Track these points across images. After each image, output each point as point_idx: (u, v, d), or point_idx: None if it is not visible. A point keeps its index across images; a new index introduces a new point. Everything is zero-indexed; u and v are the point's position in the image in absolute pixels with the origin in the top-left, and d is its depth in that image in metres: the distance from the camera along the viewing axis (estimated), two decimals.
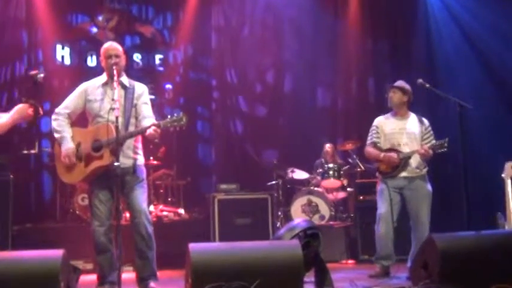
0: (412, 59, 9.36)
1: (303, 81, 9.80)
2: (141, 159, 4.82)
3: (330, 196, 8.03)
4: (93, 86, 4.81)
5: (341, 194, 8.21)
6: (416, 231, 5.47)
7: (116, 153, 4.32)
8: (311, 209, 7.68)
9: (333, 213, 7.78)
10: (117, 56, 4.73)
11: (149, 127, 4.46)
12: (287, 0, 9.67)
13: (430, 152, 5.44)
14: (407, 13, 9.51)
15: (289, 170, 8.24)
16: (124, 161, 4.55)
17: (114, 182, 4.26)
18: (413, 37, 9.46)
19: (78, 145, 4.67)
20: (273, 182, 8.15)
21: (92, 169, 4.58)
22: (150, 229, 4.65)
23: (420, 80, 5.52)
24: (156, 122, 4.50)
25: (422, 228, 5.43)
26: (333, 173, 7.99)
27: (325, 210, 7.68)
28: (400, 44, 9.52)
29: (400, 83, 5.71)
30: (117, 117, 4.30)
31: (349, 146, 8.39)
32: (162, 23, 9.97)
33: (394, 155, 5.50)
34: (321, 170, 8.12)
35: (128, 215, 5.27)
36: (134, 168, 4.68)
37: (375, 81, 9.69)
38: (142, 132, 4.55)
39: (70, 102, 4.80)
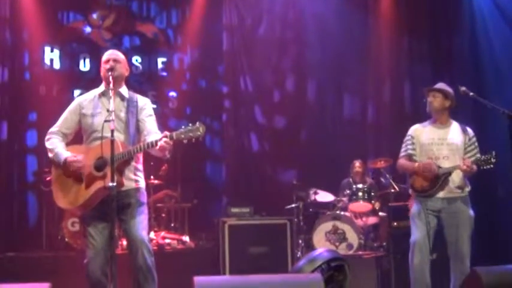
0: (454, 61, 9.41)
1: (328, 88, 9.86)
2: (142, 182, 4.85)
3: (359, 222, 8.02)
4: (88, 99, 4.87)
5: (372, 219, 8.20)
6: (456, 263, 5.41)
7: (121, 173, 4.39)
8: (337, 236, 7.68)
9: (362, 241, 7.77)
10: (115, 61, 4.79)
11: (160, 139, 4.43)
12: None
13: (474, 167, 5.36)
14: (449, 8, 9.56)
15: (311, 192, 8.25)
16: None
17: (109, 206, 4.29)
18: (455, 36, 9.50)
19: None
20: (293, 206, 8.16)
21: (95, 191, 4.58)
22: (150, 261, 4.66)
23: (463, 88, 5.44)
24: (168, 133, 4.45)
25: (463, 260, 5.38)
26: (363, 195, 8.02)
27: (353, 238, 7.67)
28: (441, 43, 9.57)
29: (440, 85, 5.70)
30: (112, 131, 4.34)
31: (381, 164, 8.38)
32: (166, 22, 10.08)
33: (431, 162, 5.44)
34: (348, 192, 8.12)
35: (124, 242, 5.29)
36: (134, 192, 4.73)
37: (411, 87, 9.69)
38: (152, 146, 4.53)
39: (64, 120, 4.87)
